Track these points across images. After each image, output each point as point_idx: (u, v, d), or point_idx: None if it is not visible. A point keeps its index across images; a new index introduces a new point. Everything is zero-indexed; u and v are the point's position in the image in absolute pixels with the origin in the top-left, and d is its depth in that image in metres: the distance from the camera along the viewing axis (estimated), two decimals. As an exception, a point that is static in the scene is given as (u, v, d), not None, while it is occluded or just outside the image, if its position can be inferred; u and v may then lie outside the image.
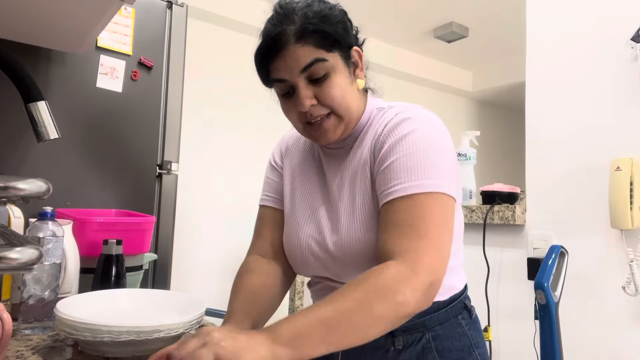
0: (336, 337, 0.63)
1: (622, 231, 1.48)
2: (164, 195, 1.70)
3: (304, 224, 0.90)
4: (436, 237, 0.72)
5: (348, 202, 0.84)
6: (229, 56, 3.26)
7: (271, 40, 0.79)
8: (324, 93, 0.80)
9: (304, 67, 0.78)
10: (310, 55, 0.78)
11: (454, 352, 0.85)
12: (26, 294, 0.87)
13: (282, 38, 0.78)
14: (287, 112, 0.85)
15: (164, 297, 0.95)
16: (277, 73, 0.81)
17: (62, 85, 1.51)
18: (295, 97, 0.81)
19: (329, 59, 0.80)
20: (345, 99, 0.82)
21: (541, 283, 1.32)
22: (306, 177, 0.95)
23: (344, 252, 0.82)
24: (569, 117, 1.66)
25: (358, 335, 0.65)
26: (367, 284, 0.66)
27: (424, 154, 0.76)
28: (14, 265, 0.51)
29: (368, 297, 0.65)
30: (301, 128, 0.86)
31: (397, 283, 0.66)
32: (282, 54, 0.79)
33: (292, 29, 0.78)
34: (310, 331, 0.61)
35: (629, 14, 1.53)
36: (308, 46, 0.78)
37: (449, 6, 3.54)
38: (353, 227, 0.82)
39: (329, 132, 0.83)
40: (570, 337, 1.48)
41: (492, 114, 5.37)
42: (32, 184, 0.58)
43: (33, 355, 0.75)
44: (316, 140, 0.87)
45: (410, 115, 0.81)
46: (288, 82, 0.80)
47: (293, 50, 0.78)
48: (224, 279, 3.02)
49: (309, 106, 0.80)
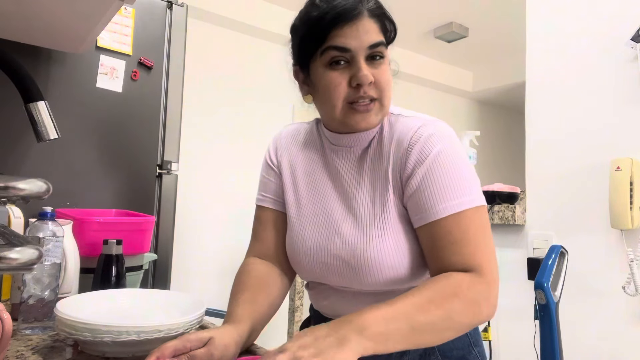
0: (417, 337, 0.66)
1: (622, 231, 1.48)
2: (164, 195, 1.70)
3: (312, 229, 0.87)
4: (490, 249, 0.77)
5: (368, 209, 0.83)
6: (229, 56, 3.26)
7: (348, 6, 0.77)
8: (379, 76, 0.79)
9: (374, 43, 0.78)
10: (378, 35, 0.79)
11: (454, 351, 0.86)
12: (26, 294, 0.87)
13: (359, 7, 0.78)
14: (335, 86, 0.79)
15: (164, 297, 0.94)
16: (344, 40, 0.77)
17: (62, 85, 1.51)
18: (354, 70, 0.78)
19: (387, 47, 0.81)
20: (390, 90, 0.82)
21: (541, 283, 1.32)
22: (312, 177, 0.91)
23: (357, 259, 0.81)
24: (569, 117, 1.66)
25: (435, 338, 0.69)
26: (448, 290, 0.70)
27: (458, 171, 0.78)
28: (14, 265, 0.51)
29: (449, 302, 0.69)
30: (341, 107, 0.80)
31: (474, 292, 0.71)
32: (355, 23, 0.77)
33: (368, 5, 0.79)
34: (396, 328, 0.64)
35: (629, 14, 1.53)
36: (377, 26, 0.79)
37: (449, 6, 3.54)
38: (374, 235, 0.81)
39: (372, 115, 0.81)
40: (570, 337, 1.48)
41: (492, 114, 5.37)
42: (32, 184, 0.58)
43: (33, 355, 0.75)
44: (356, 122, 0.81)
45: (434, 132, 0.80)
46: (351, 52, 0.78)
47: (368, 23, 0.78)
48: (224, 279, 3.02)
49: (369, 82, 0.78)
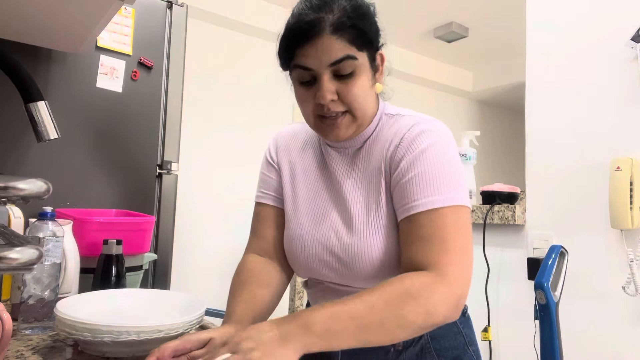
0: (365, 335, 0.65)
1: (622, 231, 1.48)
2: (164, 195, 1.70)
3: (307, 224, 0.89)
4: (463, 250, 0.74)
5: (362, 207, 0.83)
6: (229, 56, 3.26)
7: (306, 25, 0.75)
8: (346, 91, 0.78)
9: (334, 61, 0.76)
10: (342, 50, 0.76)
11: (450, 350, 0.86)
12: (26, 294, 0.87)
13: (318, 25, 0.75)
14: (303, 101, 0.82)
15: (164, 297, 0.94)
16: (304, 60, 0.77)
17: (62, 85, 1.51)
18: (317, 88, 0.78)
19: (358, 57, 0.78)
20: (365, 100, 0.81)
21: (541, 283, 1.32)
22: (309, 176, 0.93)
23: (352, 256, 0.82)
24: (569, 117, 1.66)
25: (386, 337, 0.67)
26: (401, 288, 0.68)
27: (443, 168, 0.77)
28: (14, 265, 0.51)
29: (401, 300, 0.67)
30: (312, 121, 0.83)
31: (430, 292, 0.68)
32: (314, 42, 0.75)
33: (330, 19, 0.75)
34: (342, 326, 0.64)
35: (629, 14, 1.53)
36: (342, 40, 0.75)
37: (449, 6, 3.54)
38: (365, 231, 0.81)
39: (341, 129, 0.81)
40: (570, 337, 1.47)
41: (492, 114, 5.37)
42: (32, 184, 0.58)
43: (33, 355, 0.75)
44: (326, 135, 0.84)
45: (426, 128, 0.81)
46: (313, 71, 0.78)
47: (328, 42, 0.75)
48: (224, 279, 3.01)
49: (330, 100, 0.78)
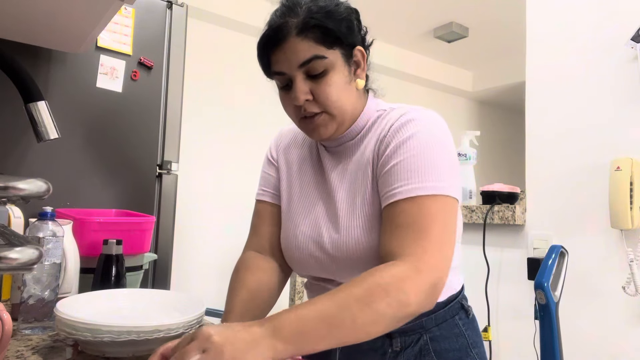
0: (338, 334, 0.62)
1: (622, 231, 1.48)
2: (164, 195, 1.70)
3: (301, 222, 0.90)
4: (439, 239, 0.72)
5: (348, 201, 0.84)
6: (229, 56, 3.26)
7: (272, 32, 0.79)
8: (319, 90, 0.80)
9: (303, 62, 0.78)
10: (309, 50, 0.78)
11: (451, 352, 0.85)
12: (26, 294, 0.87)
13: (284, 30, 0.78)
14: (286, 105, 0.85)
15: (164, 297, 0.95)
16: (277, 65, 0.81)
17: (62, 85, 1.51)
18: (292, 90, 0.81)
19: (328, 56, 0.79)
20: (340, 98, 0.81)
21: (541, 283, 1.32)
22: (304, 174, 0.94)
23: (342, 252, 0.82)
24: (569, 117, 1.66)
25: (360, 334, 0.64)
26: (370, 282, 0.65)
27: (427, 156, 0.76)
28: (14, 265, 0.51)
29: (370, 294, 0.64)
30: (297, 122, 0.86)
31: (400, 282, 0.65)
32: (282, 46, 0.79)
33: (295, 22, 0.78)
34: (312, 328, 0.61)
35: (629, 14, 1.53)
36: (308, 41, 0.78)
37: (449, 6, 3.54)
38: (352, 226, 0.81)
39: (320, 128, 0.83)
40: (570, 337, 1.47)
41: (492, 114, 5.37)
42: (32, 184, 0.58)
43: (33, 355, 0.75)
44: (310, 135, 0.87)
45: (414, 117, 0.80)
46: (286, 75, 0.80)
47: (293, 44, 0.78)
48: (224, 279, 3.00)
49: (304, 101, 0.80)
